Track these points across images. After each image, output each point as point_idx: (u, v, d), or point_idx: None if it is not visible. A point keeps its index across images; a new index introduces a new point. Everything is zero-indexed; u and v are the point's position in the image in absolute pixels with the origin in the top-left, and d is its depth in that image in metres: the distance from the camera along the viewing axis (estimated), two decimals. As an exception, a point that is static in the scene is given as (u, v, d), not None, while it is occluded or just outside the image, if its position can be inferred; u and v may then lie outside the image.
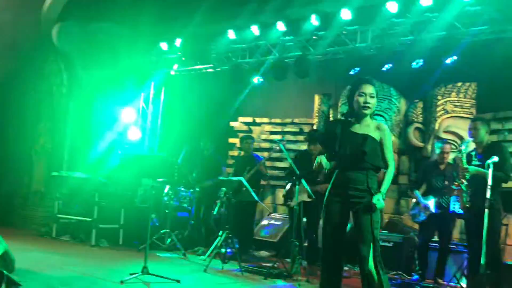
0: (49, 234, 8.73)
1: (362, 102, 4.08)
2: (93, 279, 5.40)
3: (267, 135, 10.33)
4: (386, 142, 4.11)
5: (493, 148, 5.58)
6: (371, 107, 4.11)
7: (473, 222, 5.62)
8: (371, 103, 4.10)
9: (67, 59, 10.62)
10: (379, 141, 4.09)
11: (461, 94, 8.12)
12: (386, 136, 4.11)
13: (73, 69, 10.54)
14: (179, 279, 5.49)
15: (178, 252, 7.80)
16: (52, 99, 10.73)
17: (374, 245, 3.95)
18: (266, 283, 6.04)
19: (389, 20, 7.67)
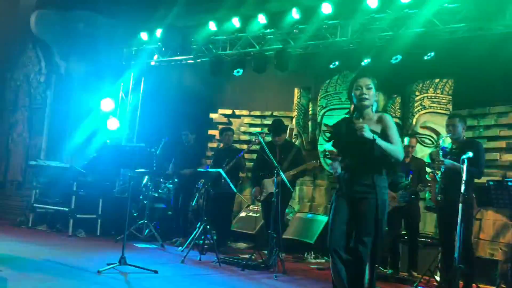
0: (26, 224, 8.67)
1: (359, 94, 4.06)
2: (70, 269, 5.40)
3: (247, 127, 10.36)
4: (388, 131, 4.03)
5: (469, 144, 5.69)
6: (369, 98, 4.05)
7: (445, 216, 5.73)
8: (369, 94, 4.05)
9: (45, 47, 10.50)
10: (381, 132, 4.03)
11: (438, 90, 8.24)
12: (387, 125, 4.04)
13: (51, 57, 10.43)
14: (156, 269, 5.50)
15: (156, 243, 7.81)
16: (30, 87, 10.61)
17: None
18: (243, 275, 6.08)
19: (369, 15, 7.74)
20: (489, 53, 7.14)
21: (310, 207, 9.30)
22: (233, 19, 8.73)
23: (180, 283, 5.34)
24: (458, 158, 5.39)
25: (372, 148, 3.93)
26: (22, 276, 4.72)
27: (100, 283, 4.83)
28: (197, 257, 6.80)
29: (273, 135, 7.29)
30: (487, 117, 7.92)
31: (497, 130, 7.77)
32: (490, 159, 7.54)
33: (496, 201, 5.15)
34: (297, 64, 8.94)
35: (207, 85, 10.24)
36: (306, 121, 9.52)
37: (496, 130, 7.78)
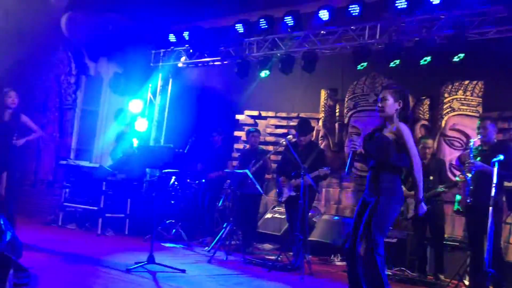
0: (56, 222, 8.83)
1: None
2: (99, 267, 5.47)
3: (273, 129, 10.36)
4: (401, 140, 4.17)
5: (500, 146, 5.61)
6: (383, 110, 4.26)
7: (474, 220, 5.66)
8: (382, 106, 4.25)
9: (75, 49, 10.68)
10: (393, 140, 4.18)
11: (468, 92, 8.13)
12: (403, 137, 4.16)
13: (81, 59, 10.61)
14: (184, 269, 5.55)
15: (183, 242, 7.88)
16: (60, 88, 10.80)
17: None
18: (270, 276, 6.09)
19: (398, 17, 7.67)
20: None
21: (336, 209, 9.26)
22: (260, 20, 8.74)
23: (207, 283, 5.38)
24: (488, 161, 5.33)
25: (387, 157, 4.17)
26: (52, 274, 4.81)
27: (129, 282, 4.89)
28: (224, 257, 6.84)
29: (299, 134, 7.23)
30: (517, 119, 7.79)
31: (529, 132, 7.63)
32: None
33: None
34: (324, 66, 8.90)
35: (234, 87, 10.28)
36: (333, 123, 9.48)
37: (527, 132, 7.64)
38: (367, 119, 8.78)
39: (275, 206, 9.37)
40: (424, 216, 6.20)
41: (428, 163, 6.84)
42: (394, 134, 4.21)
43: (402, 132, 4.18)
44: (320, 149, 7.72)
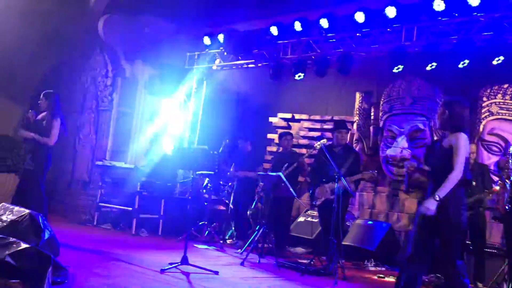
0: (91, 222, 8.98)
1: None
2: (134, 267, 5.53)
3: (306, 131, 10.32)
4: (454, 149, 4.24)
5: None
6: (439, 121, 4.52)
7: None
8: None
9: (112, 51, 10.85)
10: (449, 148, 4.29)
11: (507, 96, 7.94)
12: (455, 144, 4.25)
13: (117, 61, 10.76)
14: (217, 270, 5.57)
15: (216, 244, 7.91)
16: (97, 90, 10.99)
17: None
18: (303, 280, 6.05)
19: (435, 19, 7.54)
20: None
21: (370, 214, 9.16)
22: (295, 23, 8.72)
23: (240, 285, 5.38)
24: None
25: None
26: (88, 273, 4.88)
27: (163, 282, 4.93)
28: (256, 260, 6.83)
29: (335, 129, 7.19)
30: (559, 124, 7.57)
31: None
32: None
33: None
34: (359, 68, 8.82)
35: (267, 89, 10.28)
36: (368, 126, 9.38)
37: None
38: (403, 123, 8.66)
39: (308, 209, 9.31)
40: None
41: (470, 169, 6.68)
42: (451, 140, 4.29)
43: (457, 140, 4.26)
44: (356, 152, 7.65)
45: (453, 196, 4.19)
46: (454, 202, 4.20)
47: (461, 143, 4.22)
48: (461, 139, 4.24)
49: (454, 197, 4.20)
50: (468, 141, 4.30)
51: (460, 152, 4.20)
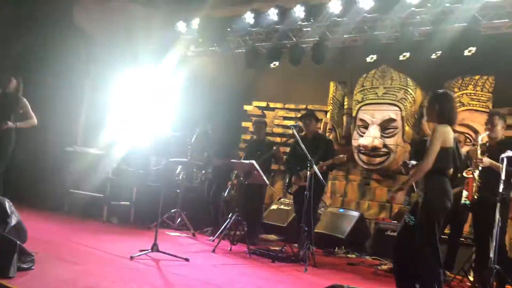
0: (61, 209, 8.84)
1: None
2: (104, 254, 5.48)
3: (281, 120, 10.33)
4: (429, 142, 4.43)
5: (508, 143, 5.55)
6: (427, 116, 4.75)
7: (480, 215, 5.62)
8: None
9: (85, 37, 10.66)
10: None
11: (478, 87, 8.06)
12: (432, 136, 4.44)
13: (91, 47, 10.58)
14: (188, 258, 5.55)
15: (188, 231, 7.88)
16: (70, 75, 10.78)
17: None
18: (274, 266, 6.08)
19: (409, 9, 7.59)
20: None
21: (342, 202, 9.24)
22: (270, 10, 8.68)
23: (211, 272, 5.38)
24: (496, 157, 5.28)
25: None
26: (56, 260, 4.82)
27: (132, 269, 4.90)
28: (228, 248, 6.83)
29: (304, 121, 7.25)
30: (528, 116, 7.71)
31: (539, 129, 7.55)
32: (530, 159, 7.33)
33: (536, 202, 5.01)
34: (334, 58, 8.85)
35: (242, 77, 10.24)
36: (341, 116, 9.44)
37: (538, 129, 7.56)
38: (375, 112, 8.72)
39: (281, 197, 9.35)
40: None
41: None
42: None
43: (434, 133, 4.41)
44: (328, 139, 7.75)
45: (431, 185, 4.35)
46: (431, 190, 4.34)
47: (436, 134, 4.34)
48: (437, 131, 4.36)
49: (431, 185, 4.35)
50: (448, 133, 4.37)
51: (433, 142, 4.32)
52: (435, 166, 4.34)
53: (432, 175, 4.36)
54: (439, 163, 4.33)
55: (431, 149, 4.33)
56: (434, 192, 4.37)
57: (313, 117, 7.36)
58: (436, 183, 4.38)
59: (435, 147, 4.32)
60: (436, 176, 4.37)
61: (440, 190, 4.37)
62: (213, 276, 5.15)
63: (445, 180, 4.42)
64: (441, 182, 4.39)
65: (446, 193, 4.40)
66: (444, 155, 4.35)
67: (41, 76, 10.78)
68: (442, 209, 4.39)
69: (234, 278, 5.16)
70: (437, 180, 4.38)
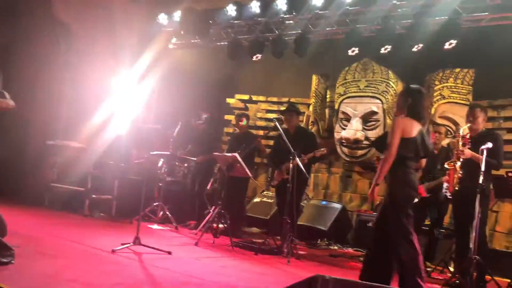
0: (41, 203, 8.74)
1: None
2: (85, 248, 5.44)
3: (263, 113, 10.32)
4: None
5: (488, 135, 5.62)
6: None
7: (461, 207, 5.68)
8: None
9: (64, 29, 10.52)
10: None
11: (459, 80, 8.13)
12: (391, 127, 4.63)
13: (70, 39, 10.44)
14: (170, 251, 5.53)
15: (170, 225, 7.86)
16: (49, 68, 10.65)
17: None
18: (256, 259, 6.09)
19: (391, 2, 7.63)
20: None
21: (324, 194, 9.28)
22: (252, 3, 8.66)
23: (193, 265, 5.36)
24: (476, 149, 5.33)
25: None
26: (36, 254, 4.77)
27: (114, 262, 4.86)
28: (211, 241, 6.82)
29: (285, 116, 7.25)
30: (507, 108, 7.82)
31: (517, 122, 7.67)
32: (509, 151, 7.43)
33: (515, 193, 5.08)
34: (316, 51, 8.86)
35: (225, 70, 10.20)
36: (323, 109, 9.46)
37: (516, 122, 7.67)
38: (357, 105, 8.76)
39: (264, 190, 9.36)
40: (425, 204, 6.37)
41: (437, 154, 6.83)
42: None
43: (393, 123, 4.55)
44: (310, 132, 7.76)
45: (393, 176, 4.50)
46: (394, 182, 4.51)
47: (394, 125, 4.51)
48: (395, 122, 4.57)
49: (394, 177, 4.50)
50: (409, 125, 4.49)
51: (392, 133, 4.46)
52: (397, 157, 4.46)
53: (394, 166, 4.48)
54: (400, 153, 4.45)
55: (391, 140, 4.45)
56: (397, 183, 4.50)
57: (295, 111, 7.36)
58: (399, 174, 4.50)
59: (395, 138, 4.44)
60: (398, 167, 4.48)
61: (403, 181, 4.50)
62: (196, 269, 5.14)
63: (408, 170, 4.53)
64: (404, 172, 4.51)
65: (409, 183, 4.52)
66: (404, 145, 4.46)
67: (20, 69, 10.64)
68: (406, 200, 4.52)
69: (217, 271, 5.16)
70: (399, 171, 4.50)
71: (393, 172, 4.49)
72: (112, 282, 4.06)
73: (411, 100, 4.59)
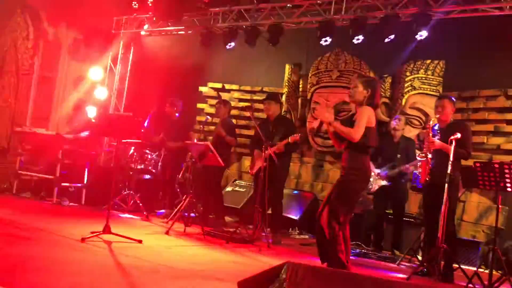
0: (10, 191, 8.59)
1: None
2: (54, 236, 5.36)
3: (236, 102, 10.28)
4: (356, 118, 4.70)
5: (457, 126, 5.70)
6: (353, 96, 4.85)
7: (431, 196, 5.77)
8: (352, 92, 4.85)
9: (34, 13, 10.30)
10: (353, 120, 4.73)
11: (429, 72, 8.22)
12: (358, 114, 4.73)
13: (40, 24, 10.24)
14: (141, 239, 5.49)
15: (141, 213, 7.80)
16: (17, 54, 10.43)
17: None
18: (227, 247, 6.09)
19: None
20: (482, 35, 7.12)
21: (296, 183, 9.31)
22: (226, -10, 8.60)
23: (164, 253, 5.33)
24: (445, 139, 5.41)
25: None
26: (4, 242, 4.68)
27: (84, 251, 4.80)
28: (182, 229, 6.80)
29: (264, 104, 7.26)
30: (476, 100, 7.96)
31: (486, 113, 7.81)
32: (477, 141, 7.59)
33: (482, 183, 5.18)
34: (290, 40, 8.85)
35: (198, 58, 10.10)
36: (296, 98, 9.48)
37: (485, 113, 7.82)
38: (329, 95, 8.80)
39: (236, 179, 9.35)
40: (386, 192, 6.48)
41: (398, 142, 6.98)
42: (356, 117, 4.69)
43: (362, 112, 4.66)
44: (288, 120, 7.85)
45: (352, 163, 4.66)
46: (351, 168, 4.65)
47: (364, 111, 4.66)
48: (365, 108, 4.69)
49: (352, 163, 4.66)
50: (372, 115, 4.68)
51: (361, 117, 4.62)
52: (359, 143, 4.59)
53: (354, 152, 4.63)
54: (363, 140, 4.58)
55: (360, 122, 4.57)
56: (354, 170, 4.64)
57: (273, 99, 7.32)
58: (357, 161, 4.64)
59: (363, 121, 4.58)
60: (358, 154, 4.64)
61: (360, 168, 4.65)
62: (167, 257, 5.11)
63: (366, 159, 4.70)
64: (362, 160, 4.67)
65: (366, 172, 4.69)
66: (368, 133, 4.60)
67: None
68: (359, 187, 4.72)
69: (188, 259, 5.14)
70: (359, 158, 4.65)
71: (352, 159, 4.64)
72: (81, 271, 4.01)
73: (370, 90, 4.75)
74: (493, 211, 7.08)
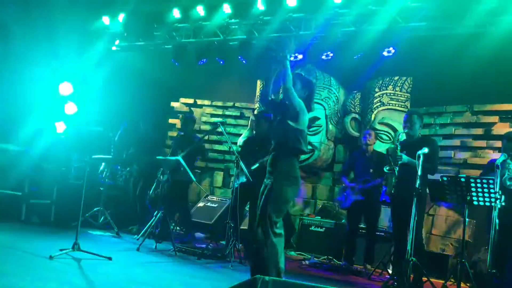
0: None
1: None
2: (21, 254, 5.26)
3: (208, 117, 10.30)
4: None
5: (424, 141, 5.83)
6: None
7: (399, 210, 5.86)
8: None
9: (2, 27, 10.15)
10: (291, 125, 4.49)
11: (398, 88, 8.39)
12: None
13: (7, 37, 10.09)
14: (110, 256, 5.43)
15: (111, 230, 7.70)
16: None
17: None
18: (199, 263, 6.06)
19: (333, 10, 7.78)
20: (448, 53, 7.31)
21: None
22: (197, 7, 8.64)
23: (134, 270, 5.28)
24: (413, 154, 5.51)
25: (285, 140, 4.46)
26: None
27: (52, 269, 4.72)
28: (153, 246, 6.74)
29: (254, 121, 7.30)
30: (443, 115, 8.14)
31: (452, 128, 7.99)
32: (444, 156, 7.75)
33: (450, 197, 5.28)
34: (260, 56, 8.92)
35: (169, 73, 10.09)
36: (267, 113, 9.52)
37: (451, 128, 7.99)
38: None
39: (208, 194, 9.33)
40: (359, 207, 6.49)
41: (370, 156, 7.06)
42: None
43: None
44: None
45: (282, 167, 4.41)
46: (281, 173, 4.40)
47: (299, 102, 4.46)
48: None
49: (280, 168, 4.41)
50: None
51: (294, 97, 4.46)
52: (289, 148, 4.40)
53: (283, 157, 4.42)
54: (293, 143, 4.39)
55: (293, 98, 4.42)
56: (284, 176, 4.39)
57: (262, 118, 7.34)
58: (288, 166, 4.41)
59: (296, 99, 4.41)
60: (288, 159, 4.43)
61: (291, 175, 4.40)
62: (137, 274, 5.07)
63: (297, 164, 4.48)
64: (293, 166, 4.43)
65: (297, 179, 4.47)
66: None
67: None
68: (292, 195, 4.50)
69: (159, 276, 5.11)
70: (289, 163, 4.42)
71: (283, 164, 4.40)
72: (49, 289, 3.95)
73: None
74: (461, 224, 7.22)
